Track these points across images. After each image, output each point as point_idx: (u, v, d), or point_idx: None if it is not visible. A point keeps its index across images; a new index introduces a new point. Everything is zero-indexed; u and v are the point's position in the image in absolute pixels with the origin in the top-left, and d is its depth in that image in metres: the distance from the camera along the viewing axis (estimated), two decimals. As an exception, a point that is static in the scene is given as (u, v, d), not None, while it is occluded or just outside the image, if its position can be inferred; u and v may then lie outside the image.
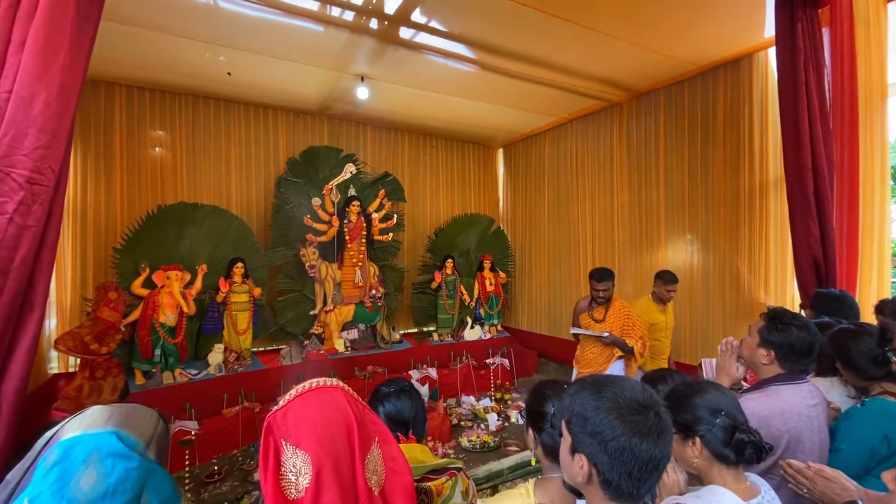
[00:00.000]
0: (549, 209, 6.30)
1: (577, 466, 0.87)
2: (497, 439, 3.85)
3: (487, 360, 5.35)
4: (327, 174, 5.14)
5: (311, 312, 4.95)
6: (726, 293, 4.12)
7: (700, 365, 2.32)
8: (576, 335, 3.45)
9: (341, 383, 0.84)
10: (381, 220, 5.31)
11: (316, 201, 4.79)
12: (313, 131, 5.67)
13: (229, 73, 4.32)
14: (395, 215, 5.47)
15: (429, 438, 3.74)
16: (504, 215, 7.27)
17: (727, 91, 4.12)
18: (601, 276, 3.25)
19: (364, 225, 5.10)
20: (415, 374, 4.78)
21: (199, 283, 4.16)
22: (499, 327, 6.09)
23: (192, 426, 3.47)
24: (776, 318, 1.47)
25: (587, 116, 5.61)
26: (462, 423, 4.29)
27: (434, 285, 5.66)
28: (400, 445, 1.06)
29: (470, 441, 3.82)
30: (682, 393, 1.22)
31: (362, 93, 4.65)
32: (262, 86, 4.73)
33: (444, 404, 4.32)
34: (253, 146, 5.29)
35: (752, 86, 3.92)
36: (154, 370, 3.87)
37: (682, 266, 4.53)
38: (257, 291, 4.46)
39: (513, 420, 4.32)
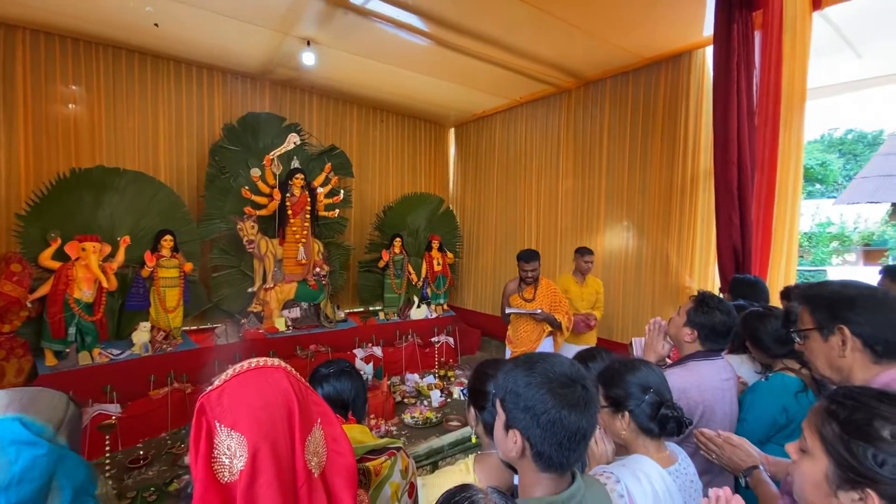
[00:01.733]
0: (497, 191, 6.38)
1: (510, 442, 0.89)
2: (439, 415, 3.93)
3: (433, 339, 5.41)
4: (268, 143, 4.85)
5: (250, 290, 4.72)
6: (656, 277, 4.43)
7: (630, 343, 2.48)
8: (508, 316, 3.57)
9: (283, 363, 0.81)
10: (327, 196, 5.12)
11: (255, 172, 4.51)
12: (253, 96, 5.30)
13: (156, 25, 3.90)
14: (342, 191, 5.29)
15: (372, 416, 3.75)
16: (454, 195, 7.28)
17: (667, 85, 4.33)
18: (528, 257, 3.40)
19: (308, 200, 4.89)
20: (359, 353, 4.74)
21: (121, 256, 3.81)
22: (445, 307, 6.16)
23: (113, 409, 3.22)
24: (703, 302, 1.60)
25: (538, 101, 5.69)
26: (406, 400, 4.33)
27: (381, 264, 5.59)
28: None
29: (413, 418, 3.87)
30: (616, 370, 1.29)
31: (308, 58, 4.39)
32: (195, 42, 4.33)
33: (388, 382, 4.34)
34: (185, 108, 4.86)
35: (689, 82, 4.14)
36: (68, 350, 3.53)
37: (619, 251, 4.80)
38: (188, 266, 4.17)
39: (455, 396, 4.42)
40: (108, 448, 2.99)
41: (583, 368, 0.93)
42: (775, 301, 2.65)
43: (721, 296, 1.81)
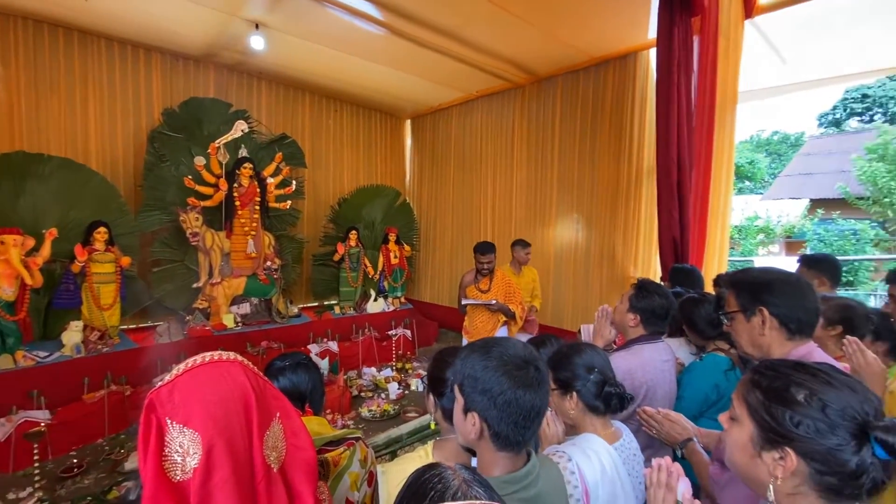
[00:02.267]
0: (454, 184, 6.42)
1: (469, 425, 0.92)
2: (397, 407, 3.94)
3: (390, 332, 5.39)
4: (214, 131, 4.60)
5: (195, 285, 4.49)
6: (604, 267, 4.65)
7: (579, 330, 2.61)
8: (464, 307, 3.65)
9: (239, 357, 0.79)
10: (278, 186, 4.93)
11: (199, 160, 4.26)
12: (196, 80, 5.00)
13: (85, -2, 3.58)
14: (294, 181, 5.12)
15: (328, 411, 3.69)
16: (410, 188, 7.25)
17: (615, 85, 4.52)
18: (485, 249, 3.49)
19: (258, 190, 4.69)
20: (314, 349, 4.65)
21: (46, 251, 3.49)
22: (402, 299, 6.15)
23: (41, 416, 2.98)
24: (643, 288, 1.71)
25: (493, 95, 5.76)
26: (363, 394, 4.30)
27: (336, 257, 5.48)
28: None
29: (370, 411, 3.86)
30: (563, 354, 1.37)
31: (257, 42, 4.20)
32: (129, 19, 4.01)
33: (345, 377, 4.29)
34: (119, 91, 4.50)
35: (635, 82, 4.35)
36: (-14, 353, 3.21)
37: (569, 242, 4.99)
38: (125, 261, 3.89)
39: (413, 388, 4.44)
40: (36, 457, 2.75)
41: (535, 351, 0.98)
42: (709, 288, 2.87)
43: (662, 284, 1.94)
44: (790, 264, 2.56)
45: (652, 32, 3.84)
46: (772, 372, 0.77)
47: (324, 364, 4.58)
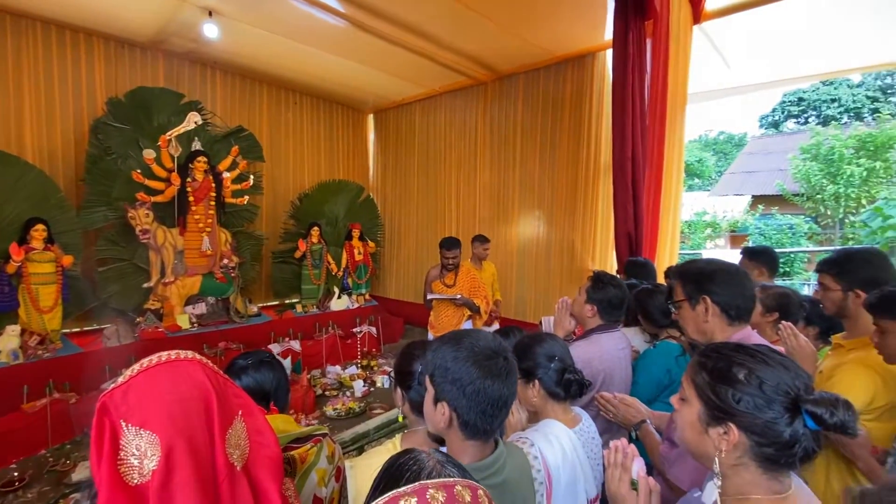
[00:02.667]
0: (418, 179, 6.41)
1: (439, 414, 0.95)
2: (363, 405, 3.91)
3: (354, 329, 5.33)
4: (164, 122, 4.37)
5: (145, 285, 4.26)
6: (564, 262, 4.80)
7: (541, 322, 2.69)
8: (430, 302, 3.68)
9: (197, 355, 0.77)
10: (235, 181, 4.75)
11: (149, 154, 4.04)
12: (144, 68, 4.72)
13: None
14: (252, 176, 4.94)
15: (291, 411, 3.62)
16: (374, 183, 7.17)
17: (573, 84, 4.66)
18: (450, 245, 3.52)
19: (213, 185, 4.51)
20: (275, 348, 4.52)
21: (-25, 250, 3.22)
22: (367, 296, 6.09)
23: (-27, 428, 2.75)
24: (599, 280, 1.79)
25: (456, 91, 5.79)
26: (327, 392, 4.24)
27: (298, 254, 5.36)
28: None
29: (335, 409, 3.81)
30: (526, 344, 1.41)
31: (210, 30, 4.02)
32: (67, 1, 3.74)
33: (308, 376, 4.21)
34: (57, 78, 4.19)
35: (592, 82, 4.49)
36: None
37: (531, 238, 5.11)
38: (67, 260, 3.64)
39: (379, 385, 4.42)
40: (-32, 473, 2.55)
41: (504, 342, 1.02)
42: (661, 279, 3.02)
43: (617, 276, 2.03)
44: (734, 257, 2.74)
45: (608, 34, 3.98)
46: (716, 354, 0.83)
47: (286, 364, 4.48)
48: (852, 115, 18.07)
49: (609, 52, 4.08)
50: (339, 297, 5.69)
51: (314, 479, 1.18)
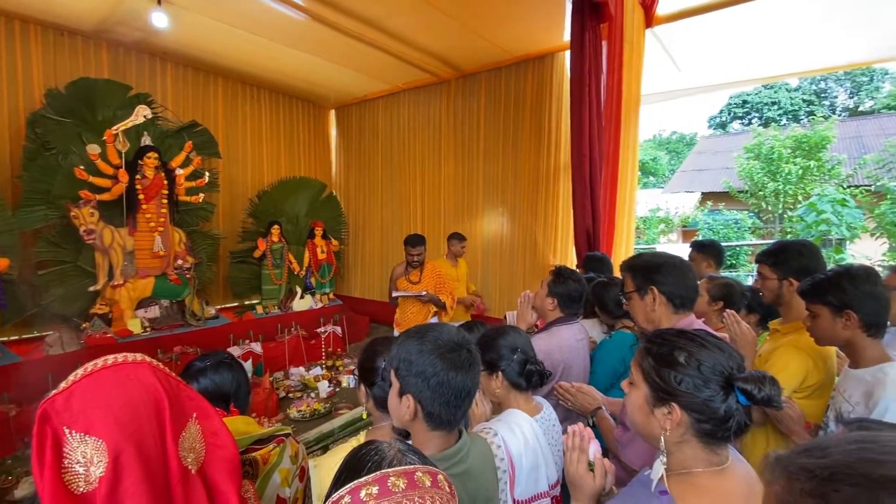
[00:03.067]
0: (382, 176, 6.36)
1: (404, 407, 0.96)
2: (328, 405, 3.86)
3: (319, 329, 5.24)
4: (109, 116, 4.12)
5: (91, 288, 4.01)
6: (527, 257, 4.90)
7: (504, 317, 2.75)
8: (395, 299, 3.69)
9: (147, 357, 0.75)
10: (189, 178, 4.55)
11: (93, 149, 3.80)
12: (87, 58, 4.43)
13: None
14: (207, 173, 4.75)
15: (253, 415, 3.52)
16: (337, 180, 7.05)
17: (534, 83, 4.75)
18: (414, 242, 3.54)
19: (165, 182, 4.30)
20: (235, 351, 4.38)
21: None
22: (331, 295, 5.99)
23: None
24: (559, 274, 1.86)
25: (419, 88, 5.78)
26: (291, 395, 4.15)
27: (257, 254, 5.20)
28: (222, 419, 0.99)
29: (299, 411, 3.74)
30: (490, 337, 1.45)
31: (159, 19, 3.83)
32: (-4, -17, 3.46)
33: (271, 378, 4.10)
34: (-15, 66, 3.87)
35: (552, 82, 4.60)
36: None
37: (495, 234, 5.19)
38: (3, 263, 3.38)
39: (345, 385, 4.37)
40: None
41: (467, 334, 1.04)
42: (618, 273, 3.13)
43: (577, 270, 2.11)
44: (685, 251, 2.90)
45: (567, 36, 4.09)
46: (659, 340, 0.89)
47: (247, 367, 4.35)
48: (790, 117, 19.41)
49: (567, 54, 4.20)
50: (302, 296, 5.57)
51: (277, 479, 1.16)
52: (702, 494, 0.78)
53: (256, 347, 4.54)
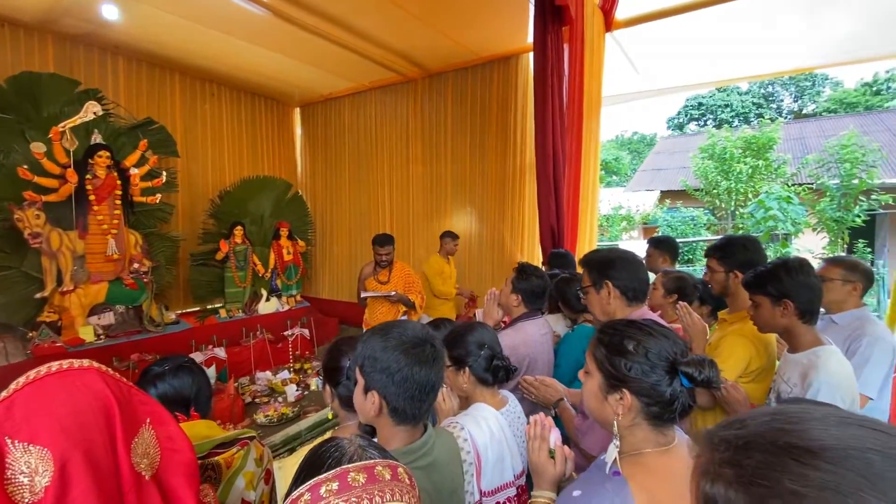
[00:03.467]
0: (350, 176, 6.29)
1: (369, 403, 0.97)
2: (296, 409, 3.79)
3: (286, 332, 5.12)
4: (55, 112, 3.89)
5: (38, 295, 3.78)
6: (495, 255, 4.98)
7: (474, 315, 2.79)
8: (364, 300, 3.67)
9: (95, 363, 0.74)
10: (144, 178, 4.35)
11: (38, 147, 3.57)
12: (30, 51, 4.17)
13: None
14: (165, 172, 4.56)
15: (218, 422, 3.41)
16: (303, 180, 6.92)
17: (500, 84, 4.82)
18: (383, 241, 3.54)
19: (118, 182, 4.10)
20: (198, 357, 4.23)
21: None
22: (298, 297, 5.87)
23: None
24: (523, 270, 1.91)
25: (386, 87, 5.75)
26: (257, 399, 4.05)
27: (220, 256, 5.03)
28: (182, 425, 0.98)
29: (266, 416, 3.64)
30: (458, 333, 1.48)
31: (110, 11, 3.65)
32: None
33: (235, 384, 3.99)
34: (-89, 57, 3.58)
35: (517, 83, 4.69)
36: None
37: (464, 233, 5.22)
38: (-64, 269, 3.15)
39: (313, 388, 4.30)
40: None
41: (431, 330, 1.06)
42: (581, 269, 3.23)
43: (543, 267, 2.16)
44: (645, 247, 3.02)
45: (530, 38, 4.17)
46: (611, 330, 0.94)
47: (210, 373, 4.21)
48: (741, 119, 20.49)
49: (532, 55, 4.29)
50: (268, 299, 5.44)
51: (241, 483, 1.15)
52: (651, 473, 0.83)
53: (220, 352, 4.40)
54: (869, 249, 8.67)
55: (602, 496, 0.80)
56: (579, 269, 3.23)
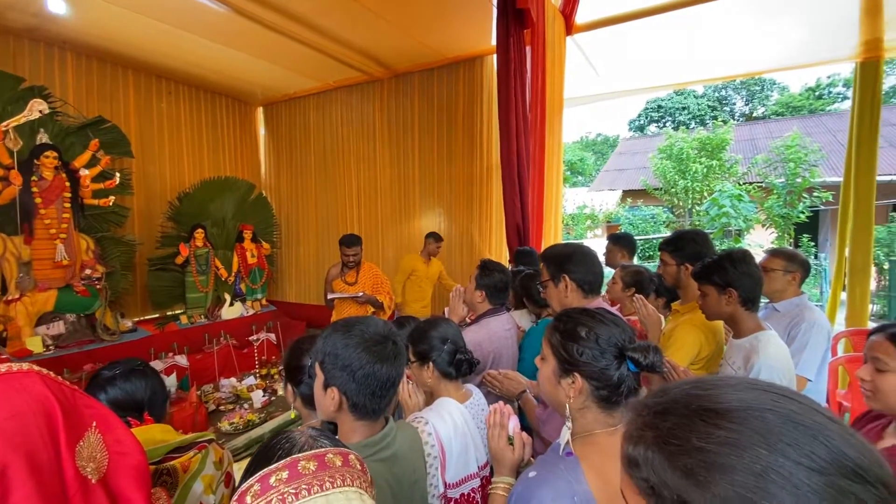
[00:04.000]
0: (316, 177, 6.19)
1: (329, 399, 0.97)
2: (263, 415, 3.70)
3: (251, 338, 4.99)
4: (-4, 110, 3.67)
5: (-21, 304, 3.55)
6: (464, 254, 5.02)
7: (444, 312, 2.81)
8: (331, 301, 3.63)
9: (35, 367, 0.72)
10: (95, 179, 4.14)
11: (-24, 147, 3.37)
12: (-36, 45, 3.91)
13: None
14: (118, 174, 4.36)
15: (180, 431, 3.29)
16: (266, 181, 6.76)
17: (466, 85, 4.87)
18: (350, 242, 3.52)
19: (67, 184, 3.89)
20: (158, 365, 4.06)
21: None
22: (263, 301, 5.73)
23: None
24: (485, 267, 1.95)
25: (351, 87, 5.70)
26: (222, 407, 3.93)
27: (180, 260, 4.86)
28: (135, 429, 0.96)
29: (232, 424, 3.55)
30: (421, 329, 1.50)
31: (56, 5, 3.47)
32: None
33: (198, 392, 3.86)
34: None
35: (482, 84, 4.75)
36: None
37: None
38: None
39: (280, 393, 4.21)
40: None
41: (393, 327, 1.08)
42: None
43: (509, 265, 2.21)
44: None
45: (494, 40, 4.23)
46: (566, 318, 0.98)
47: (171, 381, 4.05)
48: (697, 120, 21.46)
49: (495, 57, 4.35)
50: (232, 304, 5.29)
51: (200, 487, 1.12)
52: (601, 452, 0.88)
53: (182, 360, 4.25)
54: (813, 244, 9.27)
55: (556, 475, 0.84)
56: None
